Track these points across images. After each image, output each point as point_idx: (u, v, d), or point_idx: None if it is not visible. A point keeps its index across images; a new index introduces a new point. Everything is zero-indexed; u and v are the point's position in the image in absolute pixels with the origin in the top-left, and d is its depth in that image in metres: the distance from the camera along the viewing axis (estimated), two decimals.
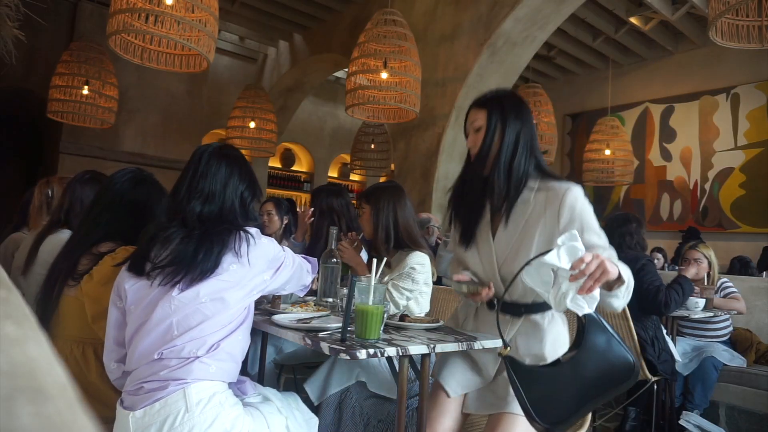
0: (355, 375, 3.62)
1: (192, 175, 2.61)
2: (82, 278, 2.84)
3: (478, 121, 2.94)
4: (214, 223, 2.54)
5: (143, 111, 12.65)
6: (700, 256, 6.00)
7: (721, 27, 5.51)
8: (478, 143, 2.89)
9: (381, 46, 7.33)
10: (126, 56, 5.94)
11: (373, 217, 3.95)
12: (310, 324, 2.85)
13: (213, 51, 5.77)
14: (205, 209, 2.56)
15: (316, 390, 3.59)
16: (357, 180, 18.00)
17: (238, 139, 11.50)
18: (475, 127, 2.94)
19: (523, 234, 2.76)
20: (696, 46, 12.73)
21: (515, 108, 2.91)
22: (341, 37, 11.86)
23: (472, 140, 2.95)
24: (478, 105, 3.02)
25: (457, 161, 9.27)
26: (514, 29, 8.64)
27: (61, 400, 0.45)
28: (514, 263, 2.75)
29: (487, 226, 2.91)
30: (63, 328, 2.87)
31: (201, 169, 2.61)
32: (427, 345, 2.58)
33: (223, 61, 14.32)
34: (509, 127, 2.84)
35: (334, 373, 3.62)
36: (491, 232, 2.89)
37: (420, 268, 3.77)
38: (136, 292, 2.46)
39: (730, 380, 5.81)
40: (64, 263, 2.95)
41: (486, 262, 2.88)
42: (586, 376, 2.40)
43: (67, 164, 11.55)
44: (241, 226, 2.56)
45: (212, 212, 2.57)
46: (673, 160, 13.18)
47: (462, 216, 3.04)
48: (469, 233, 2.98)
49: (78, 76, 8.88)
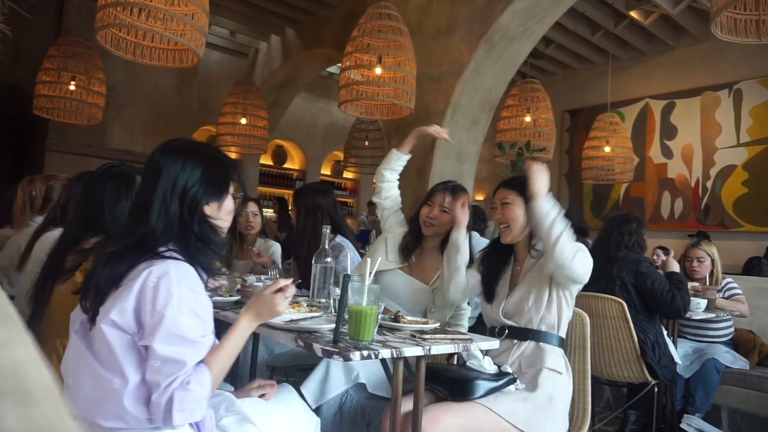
0: (353, 377, 3.61)
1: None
2: (73, 274, 2.86)
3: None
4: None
5: (131, 107, 12.67)
6: (703, 255, 6.00)
7: (721, 21, 5.51)
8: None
9: (375, 40, 7.33)
10: (114, 51, 5.92)
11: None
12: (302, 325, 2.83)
13: (203, 45, 5.76)
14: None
15: (313, 393, 3.56)
16: (350, 178, 17.99)
17: (229, 136, 11.49)
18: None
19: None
20: (698, 41, 12.73)
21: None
22: (334, 32, 11.83)
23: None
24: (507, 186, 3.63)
25: (452, 159, 9.28)
26: (512, 23, 8.63)
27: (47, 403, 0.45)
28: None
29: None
30: (54, 325, 2.90)
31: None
32: (422, 347, 2.58)
33: (213, 56, 14.33)
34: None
35: (331, 375, 3.59)
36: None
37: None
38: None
39: (733, 383, 5.77)
40: (53, 261, 2.96)
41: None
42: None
43: (53, 161, 11.56)
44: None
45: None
46: (674, 157, 13.20)
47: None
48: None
49: (65, 71, 8.89)
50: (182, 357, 2.08)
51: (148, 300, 2.07)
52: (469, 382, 2.92)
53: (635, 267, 5.09)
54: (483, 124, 9.54)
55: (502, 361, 3.28)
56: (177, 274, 2.13)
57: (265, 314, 2.41)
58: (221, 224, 2.40)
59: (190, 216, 2.28)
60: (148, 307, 2.07)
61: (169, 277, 2.10)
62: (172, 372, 2.06)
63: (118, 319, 2.09)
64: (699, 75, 12.87)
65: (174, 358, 2.06)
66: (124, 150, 12.30)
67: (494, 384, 2.96)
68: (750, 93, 12.11)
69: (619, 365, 5.01)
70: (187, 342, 2.09)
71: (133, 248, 2.20)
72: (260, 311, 2.41)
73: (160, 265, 2.14)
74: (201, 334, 2.15)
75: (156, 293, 2.07)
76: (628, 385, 5.34)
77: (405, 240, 4.11)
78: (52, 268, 2.96)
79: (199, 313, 2.16)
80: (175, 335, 2.07)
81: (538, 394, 3.09)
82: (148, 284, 2.09)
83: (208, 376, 2.17)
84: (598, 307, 4.96)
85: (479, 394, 2.90)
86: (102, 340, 2.11)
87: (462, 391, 2.92)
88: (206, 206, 2.33)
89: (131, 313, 2.09)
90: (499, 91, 9.53)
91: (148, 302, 2.07)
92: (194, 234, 2.28)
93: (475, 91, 9.18)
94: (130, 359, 2.11)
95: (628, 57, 13.92)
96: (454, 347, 2.74)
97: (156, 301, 2.06)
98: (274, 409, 2.68)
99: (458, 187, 4.04)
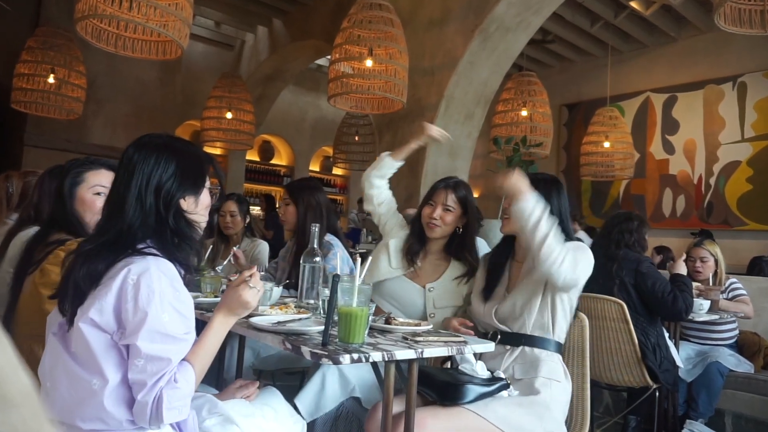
0: (350, 390, 3.60)
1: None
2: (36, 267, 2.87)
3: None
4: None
5: (113, 101, 12.65)
6: (706, 254, 6.00)
7: (725, 11, 5.51)
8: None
9: (366, 32, 7.34)
10: (95, 43, 5.91)
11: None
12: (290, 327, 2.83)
13: (187, 37, 5.75)
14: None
15: (307, 406, 3.54)
16: (340, 174, 17.98)
17: (214, 131, 11.50)
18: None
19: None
20: (700, 32, 12.73)
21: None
22: (323, 23, 11.81)
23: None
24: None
25: (446, 154, 9.29)
26: (508, 14, 8.63)
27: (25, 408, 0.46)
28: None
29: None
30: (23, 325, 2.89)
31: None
32: (414, 349, 2.58)
33: (197, 48, 14.30)
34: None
35: (327, 388, 3.56)
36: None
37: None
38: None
39: (737, 387, 5.75)
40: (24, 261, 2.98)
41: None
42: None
43: (31, 157, 11.53)
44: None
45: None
46: (675, 153, 13.20)
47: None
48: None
49: (43, 63, 8.88)
50: (167, 354, 2.10)
51: (130, 298, 2.08)
52: (459, 386, 2.92)
53: (635, 267, 5.10)
54: (478, 118, 9.56)
55: (494, 366, 3.28)
56: (157, 270, 2.14)
57: (235, 307, 2.45)
58: (198, 219, 2.42)
59: (165, 210, 2.30)
60: (130, 305, 2.08)
61: (150, 273, 2.12)
62: (157, 370, 2.08)
63: (97, 318, 2.10)
64: (702, 67, 12.86)
65: (159, 355, 2.08)
66: (105, 145, 12.25)
67: (485, 389, 2.96)
68: (755, 86, 12.10)
69: (619, 369, 5.01)
70: (170, 339, 2.11)
71: (110, 245, 2.21)
72: (230, 306, 2.44)
73: (140, 261, 2.15)
74: (184, 331, 2.17)
75: (137, 291, 2.08)
76: (629, 389, 5.35)
77: (408, 243, 4.06)
78: (24, 267, 2.98)
79: (181, 310, 2.18)
80: (159, 332, 2.09)
81: (533, 400, 3.09)
82: (129, 282, 2.10)
83: (192, 373, 2.20)
84: (597, 308, 4.96)
85: (469, 399, 2.91)
86: (80, 340, 2.12)
87: (452, 395, 2.93)
88: (182, 200, 2.35)
89: (111, 312, 2.10)
90: (495, 85, 9.55)
91: (130, 300, 2.08)
92: (170, 229, 2.30)
93: (469, 84, 9.19)
94: (110, 359, 2.12)
95: (629, 49, 13.92)
96: (448, 350, 2.74)
97: (138, 298, 2.08)
98: (257, 410, 2.70)
99: (460, 183, 4.02)
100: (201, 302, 3.33)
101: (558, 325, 3.35)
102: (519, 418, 3.00)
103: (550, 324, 3.33)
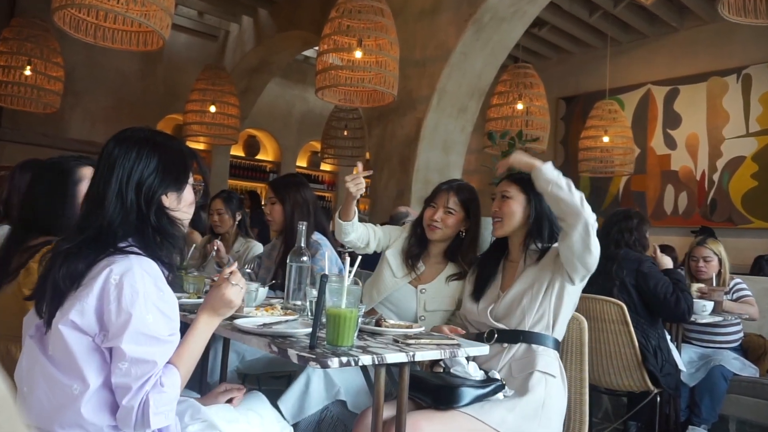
0: (334, 392, 3.61)
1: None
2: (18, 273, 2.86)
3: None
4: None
5: (91, 93, 12.62)
6: (709, 254, 6.01)
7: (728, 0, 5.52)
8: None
9: (355, 22, 7.32)
10: (73, 33, 5.89)
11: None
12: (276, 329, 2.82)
13: (168, 27, 5.74)
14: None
15: (291, 408, 3.55)
16: (328, 170, 17.94)
17: (197, 125, 11.45)
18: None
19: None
20: (703, 22, 12.70)
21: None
22: (311, 13, 11.75)
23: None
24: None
25: (438, 149, 9.28)
26: (502, 3, 8.61)
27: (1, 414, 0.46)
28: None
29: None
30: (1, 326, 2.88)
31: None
32: (405, 352, 2.58)
33: (180, 39, 14.24)
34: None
35: (311, 390, 3.58)
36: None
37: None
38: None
39: (741, 392, 5.73)
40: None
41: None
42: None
43: (7, 152, 11.49)
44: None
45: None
46: (677, 148, 13.18)
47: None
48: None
49: (19, 55, 8.84)
50: (152, 357, 2.09)
51: (112, 299, 2.08)
52: (453, 389, 2.93)
53: (636, 267, 5.10)
54: (471, 111, 9.56)
55: (491, 366, 3.30)
56: (141, 269, 2.14)
57: (219, 306, 2.45)
58: (180, 216, 2.42)
59: (147, 207, 2.29)
60: (113, 306, 2.07)
61: (133, 273, 2.11)
62: (141, 374, 2.08)
63: (77, 320, 2.09)
64: (705, 59, 12.84)
65: (144, 358, 2.07)
66: (84, 140, 12.22)
67: (481, 391, 2.97)
68: (760, 78, 12.08)
69: (619, 373, 5.02)
70: (155, 341, 2.11)
71: (90, 244, 2.21)
72: (214, 306, 2.44)
73: (122, 261, 2.15)
74: (169, 332, 2.17)
75: (120, 291, 2.08)
76: (629, 394, 5.36)
77: (409, 244, 4.09)
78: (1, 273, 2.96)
79: (166, 310, 2.18)
80: (144, 334, 2.08)
81: (529, 399, 3.12)
82: (111, 282, 2.09)
83: (177, 376, 2.20)
84: (596, 309, 4.96)
85: (464, 401, 2.92)
86: (60, 343, 2.11)
87: (446, 398, 2.93)
88: (164, 197, 2.35)
89: (92, 314, 2.10)
90: (489, 77, 9.55)
91: (113, 301, 2.08)
92: (152, 226, 2.30)
93: (462, 76, 9.19)
94: (91, 363, 2.11)
95: (629, 40, 13.90)
96: (440, 353, 2.75)
97: (121, 299, 2.07)
98: (242, 416, 2.69)
99: (464, 185, 4.05)
100: (184, 303, 3.32)
101: (558, 322, 3.39)
102: (515, 419, 3.02)
103: (551, 320, 3.38)
